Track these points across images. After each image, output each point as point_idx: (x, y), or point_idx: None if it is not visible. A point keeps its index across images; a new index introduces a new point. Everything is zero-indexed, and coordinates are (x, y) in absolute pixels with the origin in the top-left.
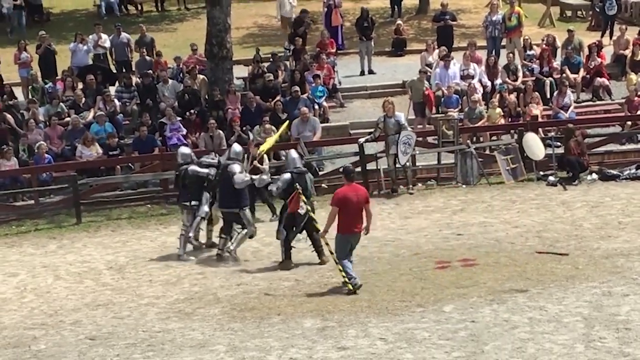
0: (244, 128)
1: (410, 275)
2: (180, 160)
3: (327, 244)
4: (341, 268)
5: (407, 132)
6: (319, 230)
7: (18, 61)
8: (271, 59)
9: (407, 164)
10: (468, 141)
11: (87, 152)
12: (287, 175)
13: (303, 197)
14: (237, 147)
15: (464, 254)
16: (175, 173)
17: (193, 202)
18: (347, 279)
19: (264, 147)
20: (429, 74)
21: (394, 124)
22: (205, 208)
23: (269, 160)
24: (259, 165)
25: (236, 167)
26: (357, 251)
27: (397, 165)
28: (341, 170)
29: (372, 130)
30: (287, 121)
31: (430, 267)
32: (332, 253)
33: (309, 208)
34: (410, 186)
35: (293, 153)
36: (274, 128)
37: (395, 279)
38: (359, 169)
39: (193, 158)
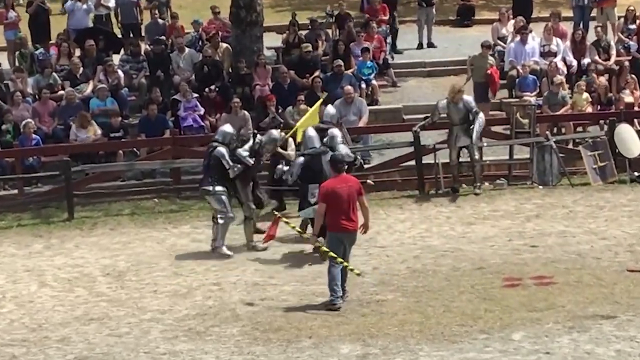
0: (278, 109)
1: (472, 294)
2: (217, 136)
3: (320, 246)
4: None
5: (482, 115)
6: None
7: (4, 21)
8: (310, 26)
9: (476, 156)
10: (547, 132)
11: (83, 134)
12: (300, 160)
13: (284, 220)
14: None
15: (539, 270)
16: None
17: (218, 188)
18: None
19: (298, 127)
20: (498, 48)
21: (460, 109)
22: (251, 205)
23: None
24: (282, 151)
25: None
26: (408, 263)
27: (462, 159)
28: (329, 159)
29: (428, 114)
30: (325, 96)
31: (496, 285)
32: (327, 252)
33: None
34: (478, 184)
35: (310, 131)
36: (310, 109)
37: (453, 298)
38: (412, 163)
39: (231, 141)
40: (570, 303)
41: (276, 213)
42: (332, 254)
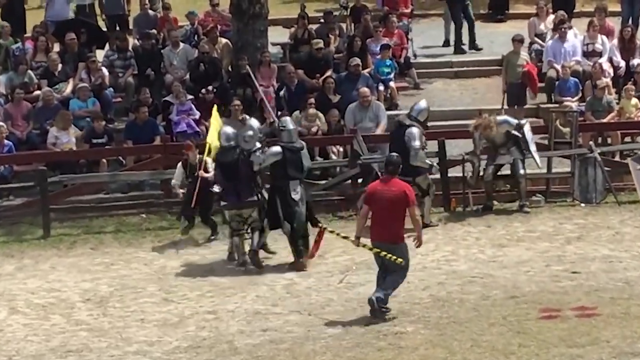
0: (279, 113)
1: (504, 326)
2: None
3: (363, 245)
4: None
5: (527, 125)
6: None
7: None
8: (323, 20)
9: (521, 171)
10: (591, 143)
11: (63, 139)
12: (277, 148)
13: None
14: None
15: (580, 300)
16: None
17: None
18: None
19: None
20: (535, 46)
21: (502, 135)
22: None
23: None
24: (205, 174)
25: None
26: (432, 290)
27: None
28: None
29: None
30: (220, 105)
31: (532, 317)
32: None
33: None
34: (525, 202)
35: (290, 124)
36: (320, 115)
37: (483, 330)
38: (437, 176)
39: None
40: (616, 338)
41: (321, 225)
42: (376, 250)
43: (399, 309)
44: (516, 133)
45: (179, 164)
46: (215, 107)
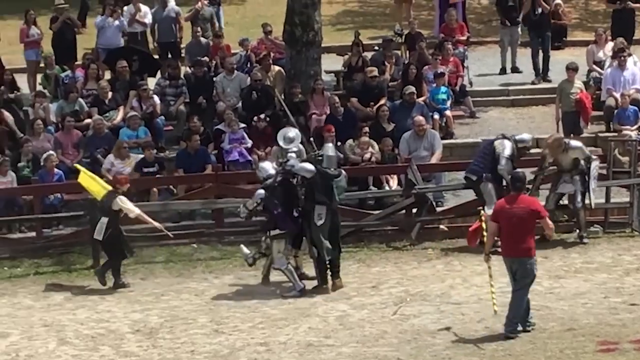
0: (338, 143)
1: (561, 359)
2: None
3: (489, 267)
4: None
5: (596, 162)
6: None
7: (25, 39)
8: (377, 47)
9: (579, 204)
10: None
11: (119, 166)
12: (312, 167)
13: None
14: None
15: (639, 333)
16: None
17: None
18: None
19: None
20: (594, 74)
21: (569, 160)
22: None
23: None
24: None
25: None
26: (487, 322)
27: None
28: (509, 177)
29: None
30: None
31: (589, 350)
32: (490, 277)
33: None
34: (584, 234)
35: (331, 150)
36: (374, 143)
37: None
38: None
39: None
40: None
41: (481, 209)
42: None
43: (454, 341)
44: (584, 164)
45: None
46: (80, 170)
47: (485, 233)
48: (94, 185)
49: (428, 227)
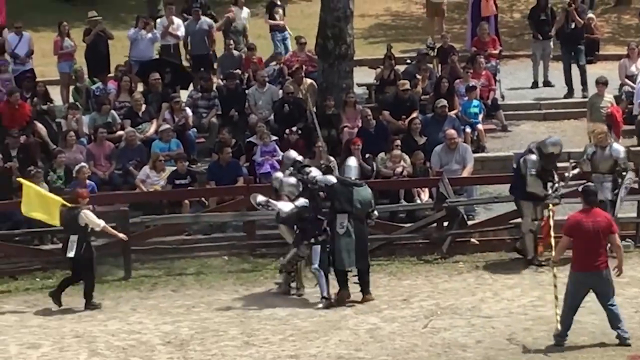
0: (366, 155)
1: None
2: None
3: (555, 276)
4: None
5: (632, 174)
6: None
7: (59, 51)
8: (410, 60)
9: (617, 214)
10: None
11: (154, 178)
12: (332, 178)
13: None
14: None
15: None
16: None
17: None
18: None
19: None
20: (626, 88)
21: (607, 158)
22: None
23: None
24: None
25: None
26: (518, 336)
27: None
28: (580, 189)
29: (573, 162)
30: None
31: None
32: (555, 287)
33: None
34: (624, 243)
35: (352, 161)
36: (405, 156)
37: None
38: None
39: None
40: None
41: (550, 206)
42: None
43: (484, 355)
44: (620, 168)
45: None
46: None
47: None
48: (40, 198)
49: (459, 240)
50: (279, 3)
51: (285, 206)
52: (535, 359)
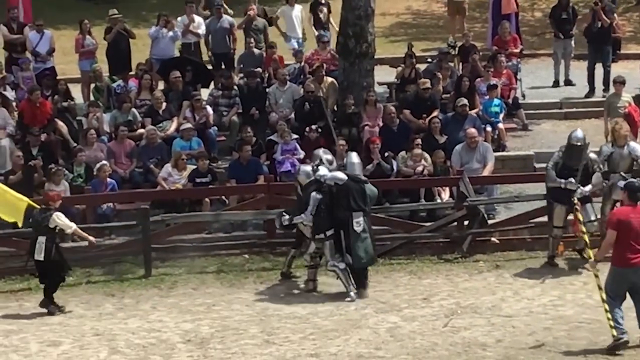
0: (386, 154)
1: None
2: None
3: (596, 275)
4: (608, 309)
5: None
6: None
7: (80, 49)
8: (431, 59)
9: None
10: None
11: (176, 177)
12: (343, 175)
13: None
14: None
15: None
16: None
17: None
18: (612, 325)
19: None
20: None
21: (625, 157)
22: None
23: None
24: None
25: None
26: (538, 335)
27: None
28: (622, 185)
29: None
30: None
31: None
32: (600, 289)
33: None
34: None
35: (354, 158)
36: (426, 155)
37: None
38: (545, 219)
39: None
40: None
41: (576, 202)
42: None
43: (504, 355)
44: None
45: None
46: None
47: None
48: (5, 198)
49: (480, 239)
50: (323, 1)
51: (305, 215)
52: (555, 359)
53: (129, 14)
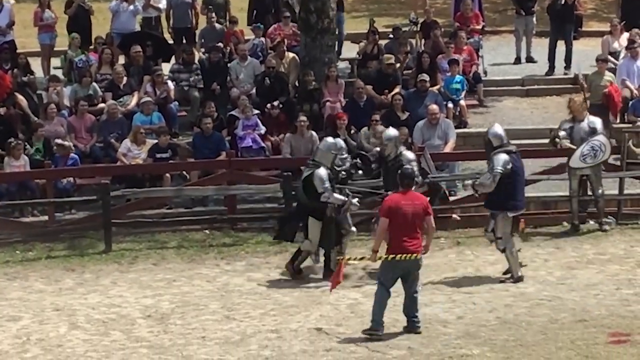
0: (351, 130)
1: (572, 350)
2: None
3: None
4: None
5: (601, 137)
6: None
7: (39, 22)
8: (392, 35)
9: (600, 190)
10: None
11: (135, 152)
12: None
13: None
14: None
15: None
16: None
17: None
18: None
19: None
20: (609, 65)
21: (586, 131)
22: None
23: None
24: None
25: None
26: (498, 312)
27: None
28: (399, 172)
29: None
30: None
31: (601, 341)
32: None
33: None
34: (606, 221)
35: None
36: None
37: (550, 354)
38: None
39: None
40: None
41: (340, 257)
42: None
43: (465, 331)
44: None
45: None
46: None
47: None
48: None
49: (441, 216)
50: None
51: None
52: (515, 335)
53: None
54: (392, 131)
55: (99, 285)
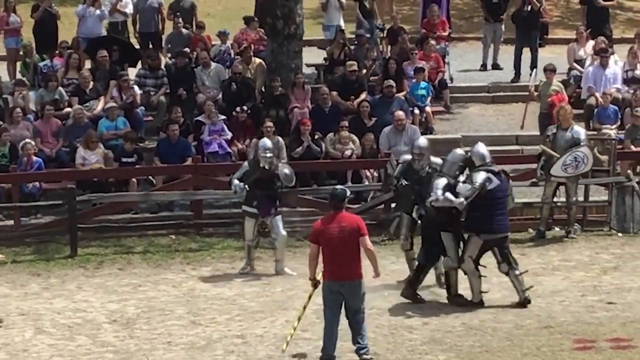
0: (316, 136)
1: (537, 356)
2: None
3: (309, 296)
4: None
5: (584, 148)
6: None
7: (5, 27)
8: (356, 42)
9: (574, 198)
10: (629, 172)
11: (91, 159)
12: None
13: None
14: None
15: (616, 332)
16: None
17: None
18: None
19: None
20: (574, 72)
21: (567, 140)
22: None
23: None
24: None
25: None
26: (464, 318)
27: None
28: (329, 193)
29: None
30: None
31: (566, 347)
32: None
33: None
34: (574, 228)
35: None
36: (354, 138)
37: None
38: None
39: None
40: None
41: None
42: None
43: (430, 337)
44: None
45: None
46: None
47: None
48: None
49: None
50: None
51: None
52: (481, 341)
53: None
54: (423, 141)
55: (64, 289)
